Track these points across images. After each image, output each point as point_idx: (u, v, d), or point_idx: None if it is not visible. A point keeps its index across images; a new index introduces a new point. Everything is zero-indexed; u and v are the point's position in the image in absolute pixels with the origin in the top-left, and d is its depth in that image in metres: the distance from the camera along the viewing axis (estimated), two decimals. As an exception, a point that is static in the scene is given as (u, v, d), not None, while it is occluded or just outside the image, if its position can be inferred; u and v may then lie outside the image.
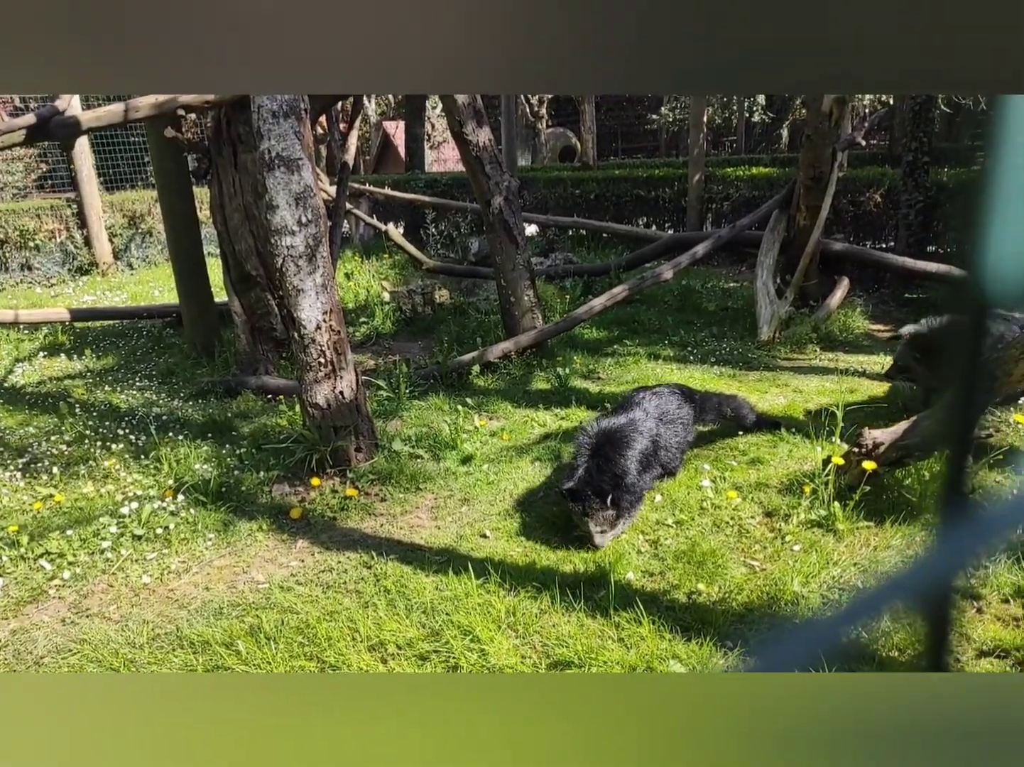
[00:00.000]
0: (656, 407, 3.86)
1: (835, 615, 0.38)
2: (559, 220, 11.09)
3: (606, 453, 3.44)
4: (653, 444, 3.65)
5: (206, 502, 3.84)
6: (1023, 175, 0.38)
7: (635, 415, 3.73)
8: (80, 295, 10.44)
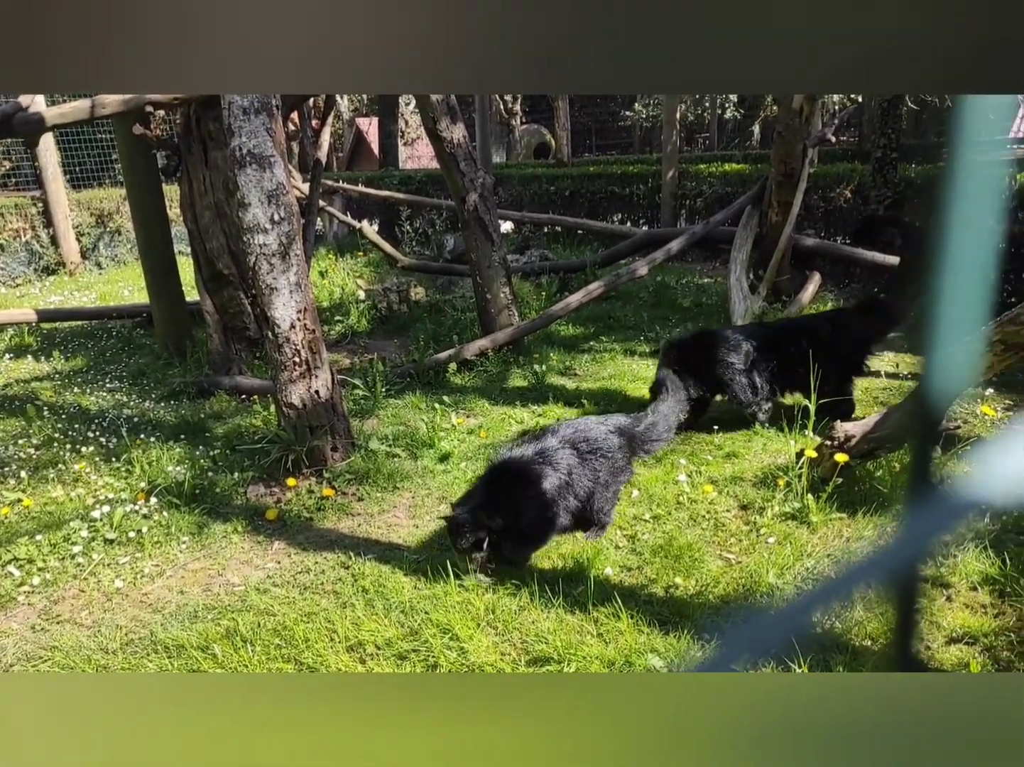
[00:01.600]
0: (577, 441, 3.31)
1: (803, 600, 0.38)
2: (534, 217, 11.10)
3: (501, 488, 3.10)
4: (564, 486, 3.17)
5: (180, 504, 3.79)
6: (982, 171, 0.38)
7: (547, 445, 3.24)
8: (47, 295, 10.23)
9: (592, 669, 2.45)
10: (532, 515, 3.10)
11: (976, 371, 2.99)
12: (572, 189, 11.85)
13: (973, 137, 0.38)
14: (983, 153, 0.39)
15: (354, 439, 4.36)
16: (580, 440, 3.32)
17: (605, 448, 3.34)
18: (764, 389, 4.33)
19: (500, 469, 3.20)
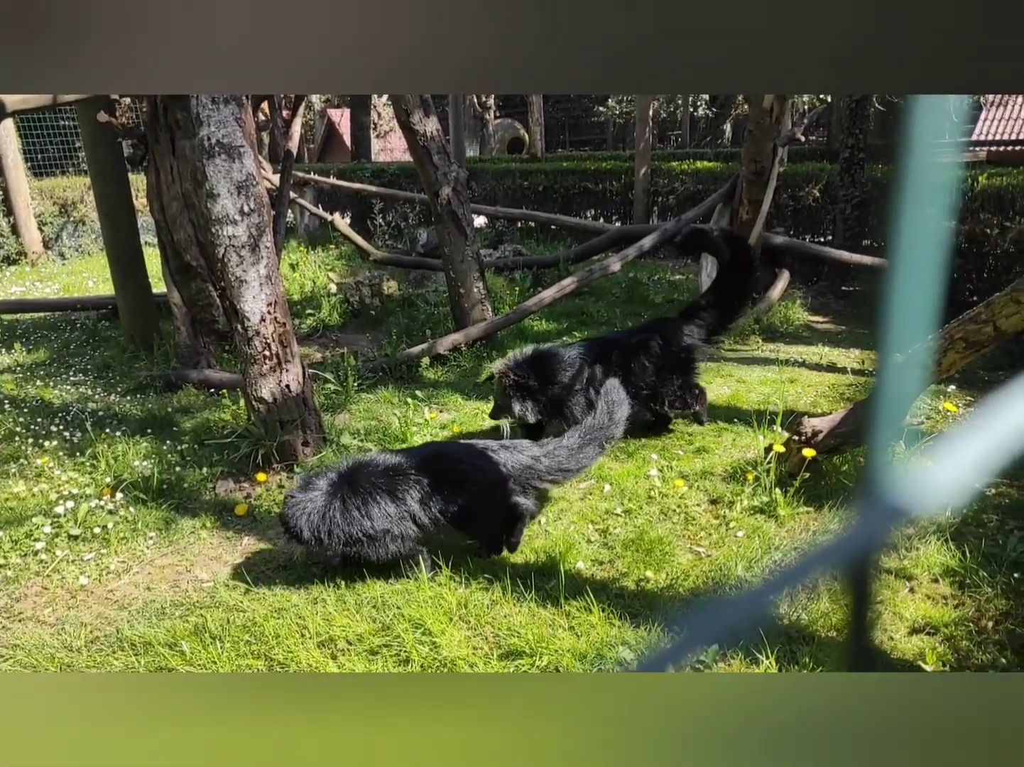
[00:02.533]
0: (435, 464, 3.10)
1: (761, 586, 0.39)
2: (508, 212, 11.08)
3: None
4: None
5: (146, 500, 3.73)
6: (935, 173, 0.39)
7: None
8: (8, 286, 9.96)
9: (564, 662, 2.47)
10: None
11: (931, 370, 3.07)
12: (546, 184, 11.86)
13: (926, 138, 0.39)
14: (936, 154, 0.40)
15: (325, 434, 4.33)
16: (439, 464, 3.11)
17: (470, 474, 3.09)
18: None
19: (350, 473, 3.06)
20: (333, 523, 2.90)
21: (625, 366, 4.19)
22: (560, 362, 4.20)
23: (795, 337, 6.53)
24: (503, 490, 3.11)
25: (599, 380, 4.11)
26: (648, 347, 4.24)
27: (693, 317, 4.34)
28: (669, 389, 4.22)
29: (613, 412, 3.29)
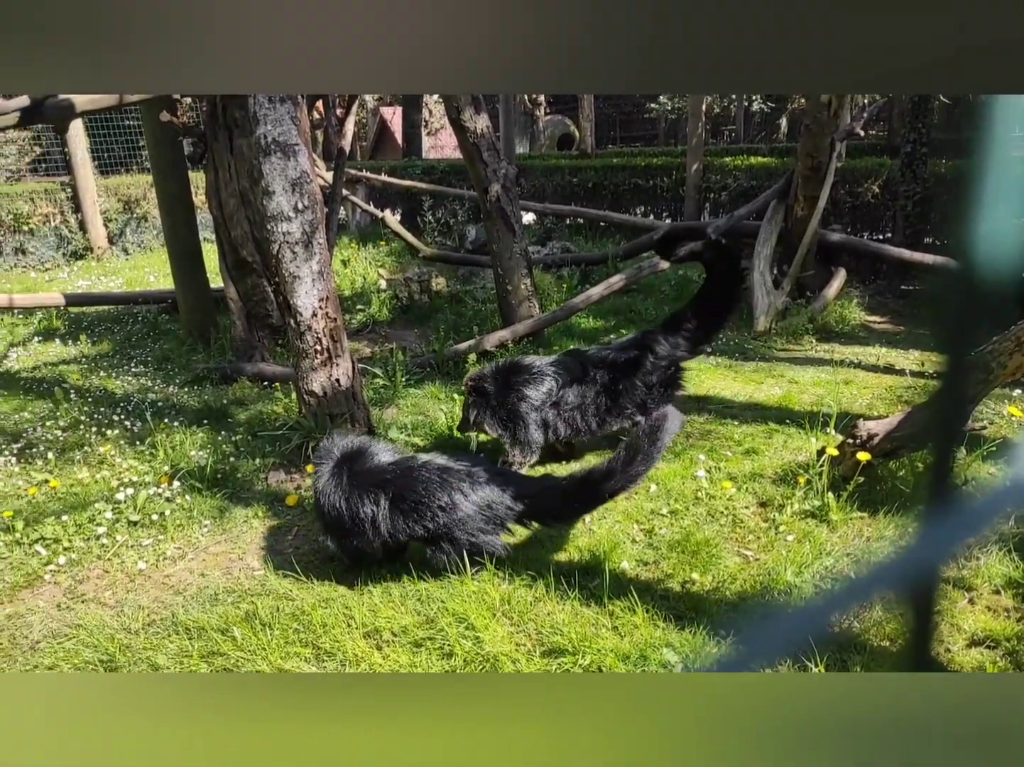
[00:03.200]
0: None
1: (821, 602, 0.38)
2: (557, 208, 11.05)
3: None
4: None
5: (202, 488, 3.84)
6: (1012, 168, 0.38)
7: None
8: (75, 280, 10.39)
9: (607, 662, 2.45)
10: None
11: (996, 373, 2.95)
12: (595, 181, 11.78)
13: (1003, 132, 0.37)
14: (1013, 149, 0.38)
15: (373, 428, 4.39)
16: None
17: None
18: (555, 431, 3.98)
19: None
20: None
21: (611, 385, 3.99)
22: (528, 374, 3.98)
23: (851, 337, 6.35)
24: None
25: (571, 403, 3.95)
26: (637, 363, 4.02)
27: (677, 329, 4.12)
28: (653, 405, 3.99)
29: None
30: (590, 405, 3.99)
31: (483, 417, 3.93)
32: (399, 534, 2.98)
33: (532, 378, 3.96)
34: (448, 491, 2.94)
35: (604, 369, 4.03)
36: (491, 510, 2.96)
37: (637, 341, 4.16)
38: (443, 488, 2.95)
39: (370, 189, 12.38)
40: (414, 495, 2.95)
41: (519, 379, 3.96)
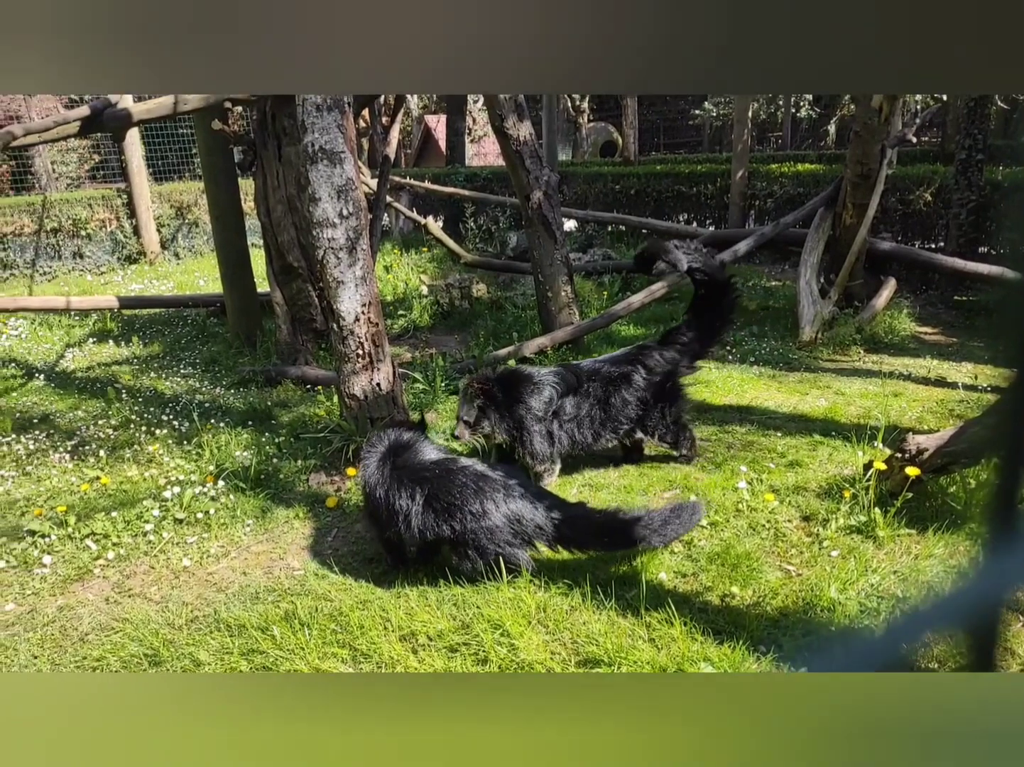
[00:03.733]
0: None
1: (883, 634, 0.37)
2: (598, 215, 11.01)
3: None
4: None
5: (245, 488, 3.92)
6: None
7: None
8: (128, 283, 10.72)
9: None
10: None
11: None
12: (638, 188, 11.71)
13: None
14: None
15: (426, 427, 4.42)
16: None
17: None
18: (563, 443, 3.92)
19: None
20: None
21: (604, 399, 3.92)
22: (531, 384, 3.93)
23: (901, 348, 6.18)
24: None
25: (568, 414, 3.89)
26: (629, 378, 3.93)
27: (675, 342, 4.04)
28: (653, 421, 3.94)
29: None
30: (584, 418, 3.92)
31: (489, 421, 3.83)
32: (428, 532, 3.00)
33: (534, 388, 3.90)
34: (481, 498, 2.95)
35: (597, 382, 3.96)
36: (520, 524, 2.95)
37: (630, 355, 4.06)
38: (477, 495, 2.96)
39: (413, 196, 12.52)
40: (448, 496, 2.97)
41: (521, 388, 3.90)
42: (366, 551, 3.38)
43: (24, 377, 6.35)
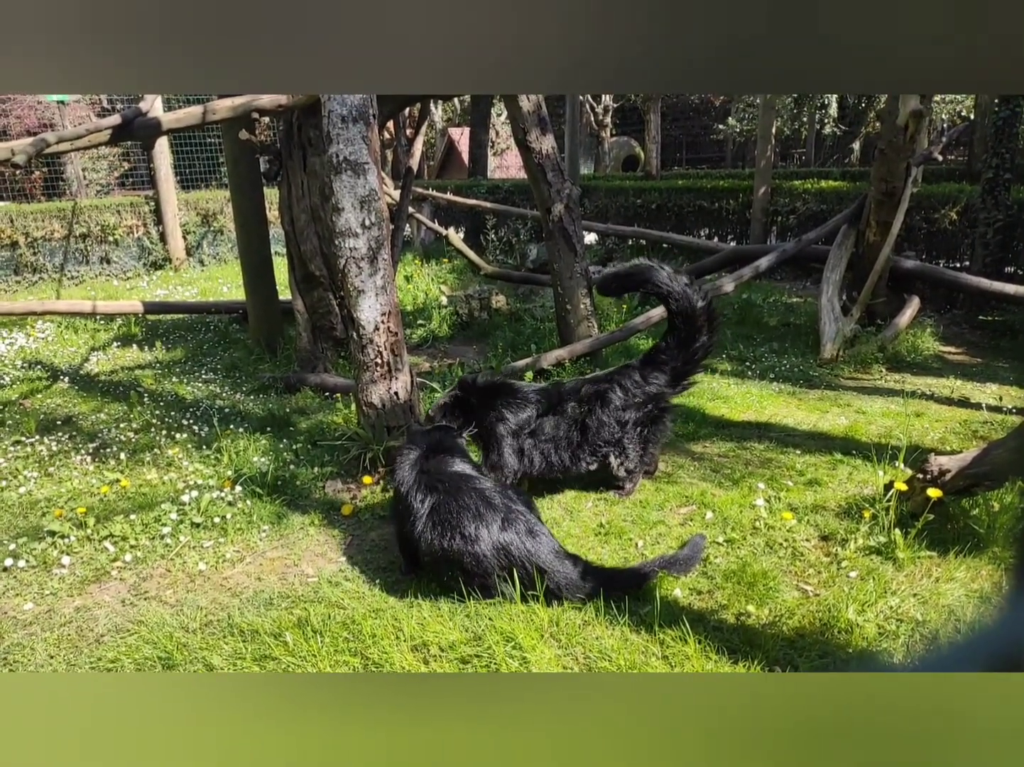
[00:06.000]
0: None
1: (928, 666, 0.36)
2: (619, 229, 11.03)
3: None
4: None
5: (262, 494, 3.94)
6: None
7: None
8: (153, 289, 10.88)
9: (655, 691, 2.40)
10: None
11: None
12: (659, 202, 11.71)
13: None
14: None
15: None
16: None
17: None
18: (530, 461, 3.86)
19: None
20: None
21: (581, 420, 3.84)
22: (514, 397, 3.87)
23: (924, 368, 6.11)
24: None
25: (545, 434, 3.83)
26: (602, 398, 3.85)
27: (654, 363, 3.92)
28: (631, 445, 3.85)
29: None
30: (563, 439, 3.85)
31: (459, 421, 3.81)
32: (423, 542, 3.01)
33: (516, 402, 3.86)
34: (477, 522, 2.93)
35: (575, 403, 3.89)
36: (507, 558, 2.91)
37: (610, 375, 3.98)
38: (474, 518, 2.94)
39: (435, 207, 12.61)
40: (447, 513, 2.98)
41: (503, 400, 3.87)
42: (379, 560, 3.39)
43: (49, 379, 6.46)
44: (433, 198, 11.76)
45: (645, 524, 3.57)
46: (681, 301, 3.77)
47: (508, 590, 2.92)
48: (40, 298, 10.08)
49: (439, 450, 3.29)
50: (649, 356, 3.98)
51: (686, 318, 3.81)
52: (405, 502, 3.09)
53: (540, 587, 2.88)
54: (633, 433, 3.86)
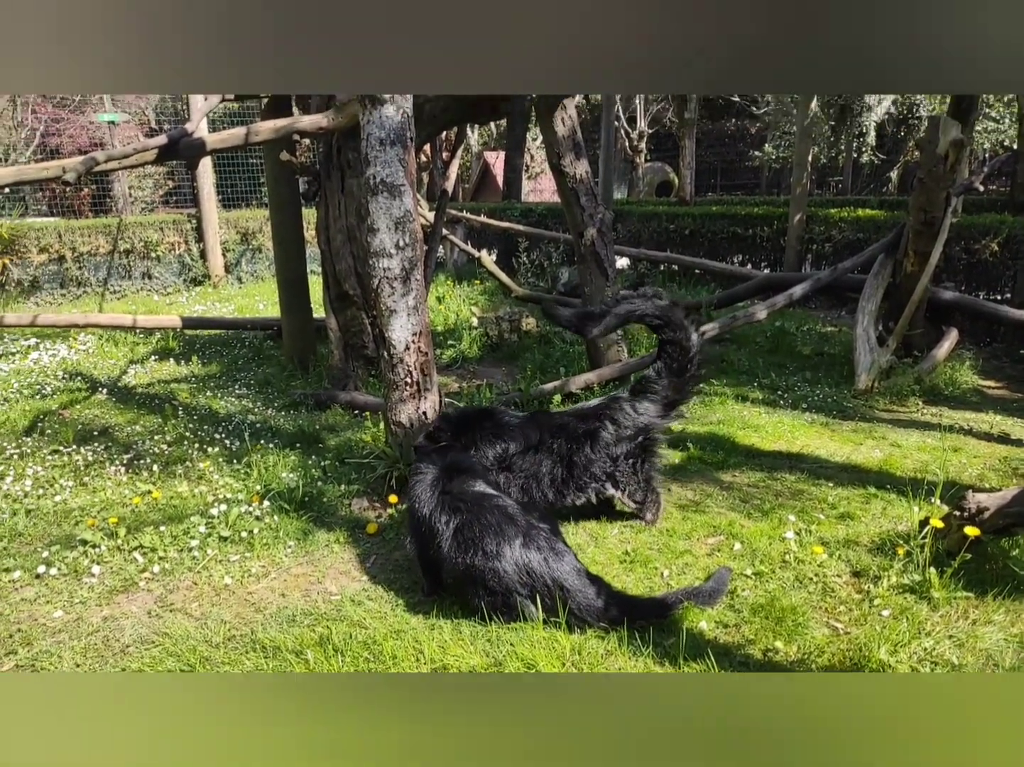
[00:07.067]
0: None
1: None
2: (651, 254, 11.02)
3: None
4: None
5: (289, 510, 3.97)
6: None
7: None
8: (192, 304, 11.13)
9: (678, 726, 2.34)
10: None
11: None
12: (692, 228, 11.69)
13: None
14: None
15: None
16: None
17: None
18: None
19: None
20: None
21: (567, 457, 3.75)
22: (492, 427, 3.82)
23: (962, 402, 5.96)
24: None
25: (525, 469, 3.76)
26: (596, 434, 3.76)
27: (644, 392, 3.82)
28: (625, 477, 3.76)
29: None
30: (545, 475, 3.77)
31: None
32: (449, 563, 3.00)
33: (494, 434, 3.80)
34: (498, 539, 2.92)
35: (562, 439, 3.80)
36: (529, 577, 2.89)
37: (599, 408, 3.89)
38: (496, 535, 2.93)
39: (469, 229, 12.74)
40: (471, 531, 2.97)
41: (481, 432, 3.81)
42: (402, 580, 3.38)
43: (88, 390, 6.62)
44: (467, 220, 11.89)
45: (671, 553, 3.52)
46: (677, 331, 3.73)
47: (530, 611, 2.90)
48: (83, 311, 10.38)
49: (459, 470, 3.29)
50: (639, 386, 3.90)
51: (680, 348, 3.76)
52: (428, 523, 3.09)
53: (562, 612, 2.85)
54: (625, 466, 3.77)
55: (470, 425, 3.87)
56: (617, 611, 2.87)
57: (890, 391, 6.01)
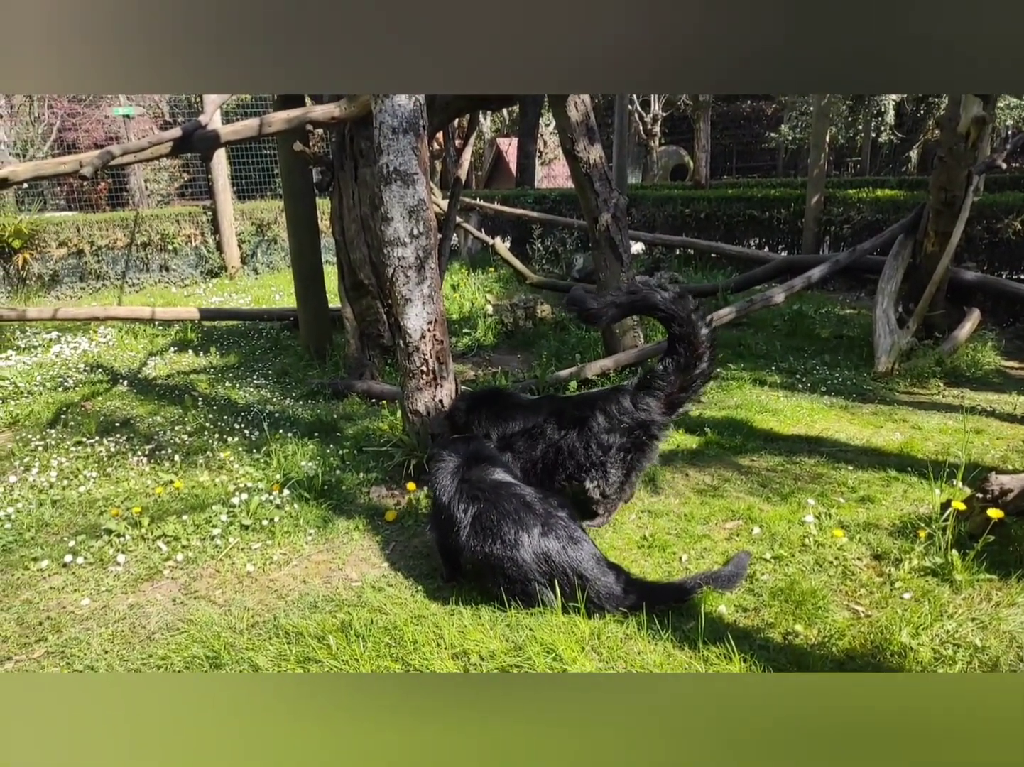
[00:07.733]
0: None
1: None
2: (666, 238, 10.93)
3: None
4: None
5: (309, 498, 4.01)
6: None
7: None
8: (209, 296, 11.21)
9: (698, 709, 2.35)
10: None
11: None
12: (708, 211, 11.57)
13: None
14: None
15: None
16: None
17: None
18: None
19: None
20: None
21: (556, 442, 3.73)
22: (505, 406, 3.85)
23: (984, 383, 5.88)
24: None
25: (520, 452, 3.76)
26: (582, 421, 3.69)
27: (649, 387, 3.69)
28: (605, 469, 3.67)
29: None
30: (538, 459, 3.76)
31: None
32: (468, 551, 3.02)
33: (501, 415, 3.84)
34: (517, 527, 2.93)
35: (554, 422, 3.77)
36: (548, 564, 2.90)
37: (597, 397, 3.83)
38: (514, 523, 2.94)
39: (483, 217, 12.70)
40: (489, 519, 2.99)
41: (489, 410, 3.88)
42: (422, 566, 3.41)
43: (109, 382, 6.70)
44: (480, 208, 11.86)
45: (690, 538, 3.52)
46: (685, 326, 3.60)
47: (549, 598, 2.91)
48: (103, 304, 10.49)
49: (479, 459, 3.30)
50: (644, 380, 3.78)
51: (689, 344, 3.62)
52: (447, 511, 3.11)
53: (581, 598, 2.86)
54: (616, 458, 3.68)
55: (483, 403, 3.93)
56: (636, 598, 2.88)
57: (910, 373, 5.94)
